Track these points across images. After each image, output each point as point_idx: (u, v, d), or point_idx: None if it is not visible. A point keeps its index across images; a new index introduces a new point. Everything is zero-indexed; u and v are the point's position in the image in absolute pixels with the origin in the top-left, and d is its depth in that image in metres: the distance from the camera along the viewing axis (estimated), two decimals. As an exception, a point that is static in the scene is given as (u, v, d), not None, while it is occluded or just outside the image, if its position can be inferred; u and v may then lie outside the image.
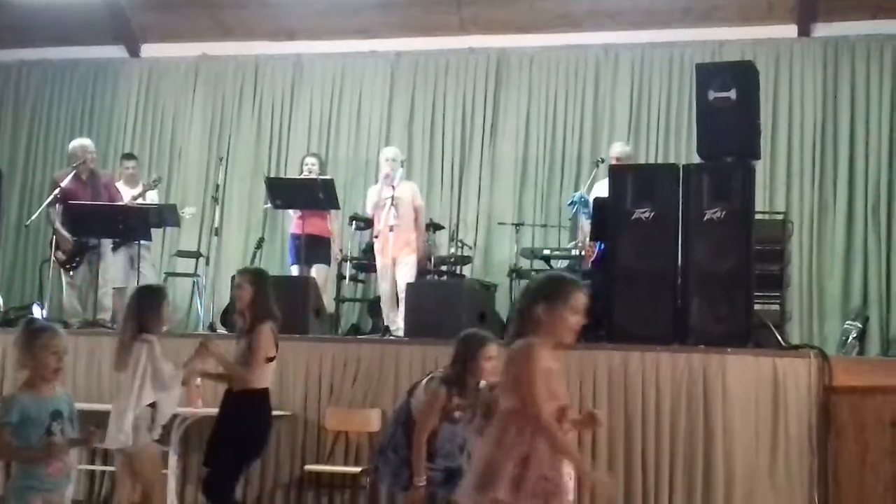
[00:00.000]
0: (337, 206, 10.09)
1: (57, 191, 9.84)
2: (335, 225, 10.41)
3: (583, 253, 9.68)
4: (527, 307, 4.17)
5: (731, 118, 8.18)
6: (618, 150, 10.14)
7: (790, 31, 11.26)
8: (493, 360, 5.89)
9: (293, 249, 10.39)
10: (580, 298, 4.18)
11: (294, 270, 10.22)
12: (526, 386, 4.00)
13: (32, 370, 4.78)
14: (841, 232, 10.76)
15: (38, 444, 4.70)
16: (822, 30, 11.17)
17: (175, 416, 7.81)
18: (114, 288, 10.09)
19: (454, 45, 12.08)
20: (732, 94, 8.16)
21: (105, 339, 8.82)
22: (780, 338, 8.07)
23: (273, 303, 6.59)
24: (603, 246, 9.02)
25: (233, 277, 9.71)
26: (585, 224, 9.71)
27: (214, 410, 7.03)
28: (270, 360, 6.47)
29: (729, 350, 7.53)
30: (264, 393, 6.48)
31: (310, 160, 10.68)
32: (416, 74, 12.18)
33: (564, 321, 4.12)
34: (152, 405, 6.28)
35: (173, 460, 7.91)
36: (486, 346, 5.96)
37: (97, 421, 8.16)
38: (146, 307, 6.42)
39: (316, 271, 10.04)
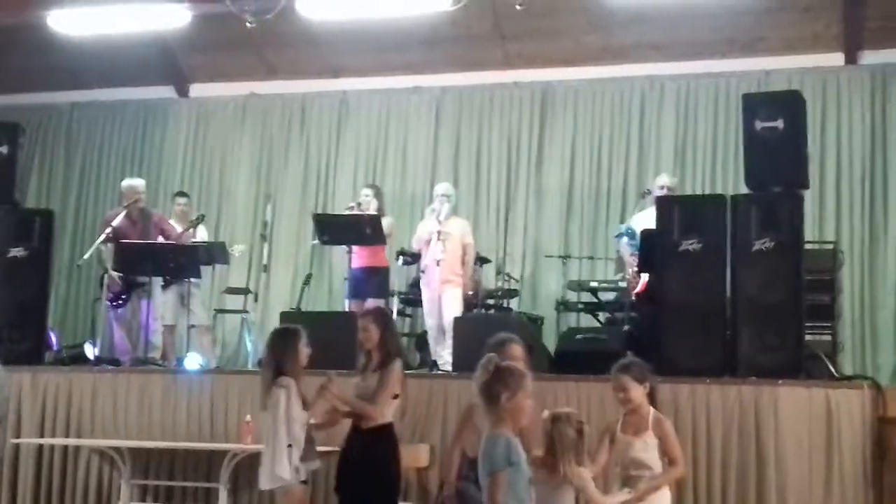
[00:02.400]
0: (384, 242, 10.11)
1: (108, 230, 9.94)
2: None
3: (627, 285, 9.60)
4: None
5: (779, 148, 8.11)
6: (664, 180, 10.00)
7: (837, 59, 11.20)
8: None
9: (348, 283, 10.36)
10: None
11: (348, 305, 10.07)
12: None
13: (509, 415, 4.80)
14: (892, 261, 10.65)
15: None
16: (869, 57, 11.10)
17: (225, 452, 7.89)
18: (164, 325, 10.19)
19: (499, 80, 12.12)
20: (780, 123, 8.10)
21: (155, 376, 8.89)
22: (832, 369, 7.97)
23: (399, 340, 6.91)
24: (649, 277, 8.97)
25: (281, 314, 9.85)
26: (628, 255, 9.64)
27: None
28: (395, 397, 6.52)
29: (780, 382, 7.42)
30: (391, 426, 6.53)
31: (365, 191, 10.58)
32: (462, 109, 12.24)
33: None
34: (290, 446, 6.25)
35: (223, 496, 7.93)
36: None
37: (145, 458, 8.28)
38: (281, 350, 6.39)
39: (369, 305, 10.00)
